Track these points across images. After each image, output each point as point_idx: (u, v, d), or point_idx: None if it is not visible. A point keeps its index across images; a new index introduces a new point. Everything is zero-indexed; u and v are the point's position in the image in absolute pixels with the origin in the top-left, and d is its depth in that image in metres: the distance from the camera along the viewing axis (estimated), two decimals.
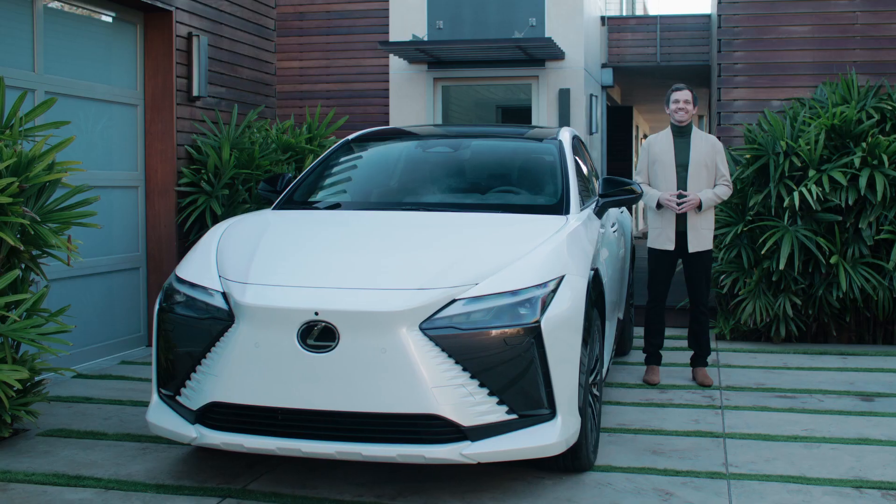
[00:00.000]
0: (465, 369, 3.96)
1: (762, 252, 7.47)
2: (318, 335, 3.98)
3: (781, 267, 7.27)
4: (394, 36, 11.75)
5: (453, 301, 4.04)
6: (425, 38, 11.32)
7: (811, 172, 7.32)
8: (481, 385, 3.98)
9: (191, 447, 4.94)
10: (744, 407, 5.90)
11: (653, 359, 6.58)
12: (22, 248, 4.81)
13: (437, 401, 3.92)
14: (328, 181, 5.74)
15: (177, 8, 7.76)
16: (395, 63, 11.96)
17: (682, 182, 6.19)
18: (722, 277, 7.86)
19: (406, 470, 4.61)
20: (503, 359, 4.01)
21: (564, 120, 11.47)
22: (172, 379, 4.35)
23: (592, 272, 4.67)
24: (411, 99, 11.97)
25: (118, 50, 7.51)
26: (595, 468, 4.71)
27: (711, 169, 6.26)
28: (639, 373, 6.79)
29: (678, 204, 6.15)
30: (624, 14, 15.87)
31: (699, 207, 6.18)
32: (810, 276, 7.59)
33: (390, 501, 4.26)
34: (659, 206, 6.22)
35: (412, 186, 5.59)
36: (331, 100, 12.63)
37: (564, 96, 11.43)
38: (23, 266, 5.19)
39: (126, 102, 7.63)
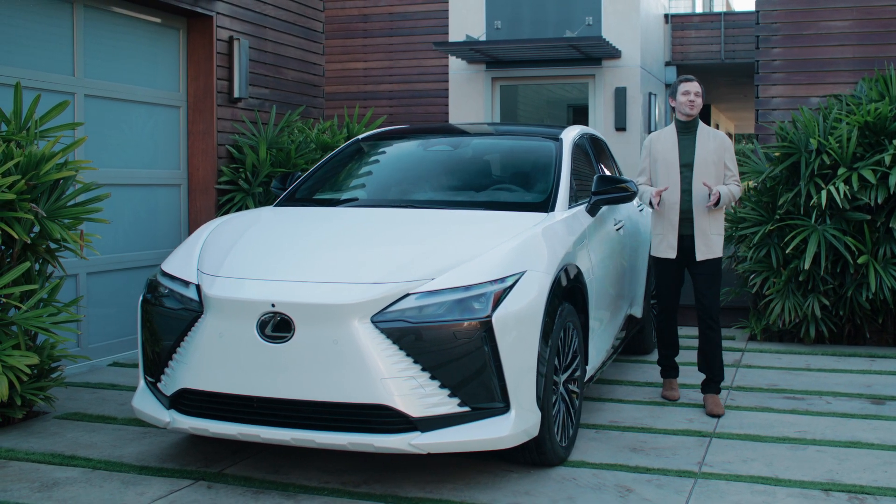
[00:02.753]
0: (416, 361, 4.08)
1: (786, 251, 7.34)
2: (276, 326, 4.16)
3: (806, 266, 7.13)
4: (453, 37, 11.89)
5: (407, 295, 4.16)
6: (479, 39, 11.42)
7: (840, 170, 7.15)
8: (432, 377, 4.09)
9: (186, 433, 5.17)
10: (745, 407, 5.83)
11: (669, 372, 6.10)
12: (29, 241, 5.12)
13: (387, 392, 4.05)
14: (330, 179, 5.92)
15: (217, 13, 8.07)
16: (455, 63, 12.10)
17: (686, 183, 5.69)
18: (752, 277, 7.74)
19: (375, 459, 4.75)
20: (455, 352, 4.11)
21: (621, 118, 11.42)
22: (154, 366, 4.60)
23: (564, 269, 4.72)
24: (470, 98, 12.09)
25: (162, 54, 7.86)
26: (567, 463, 4.75)
27: (720, 168, 5.75)
28: (654, 372, 6.74)
29: (709, 197, 5.62)
30: (697, 11, 15.64)
31: (716, 203, 5.62)
32: (840, 277, 7.41)
33: (354, 488, 4.40)
34: (652, 205, 5.73)
35: (408, 184, 5.72)
36: (393, 100, 12.87)
37: (620, 95, 11.38)
38: (41, 260, 5.53)
39: (170, 104, 7.98)
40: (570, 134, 6.02)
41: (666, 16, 12.85)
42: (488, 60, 11.88)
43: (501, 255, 4.40)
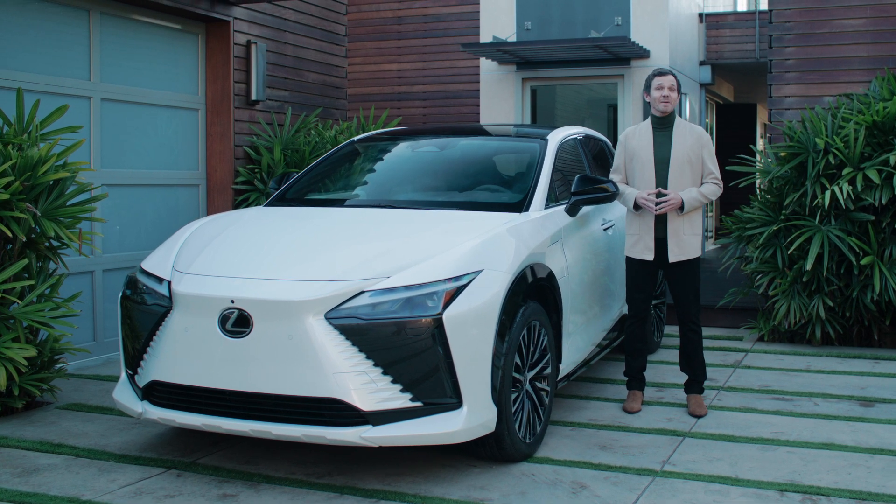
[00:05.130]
0: (368, 357, 4.20)
1: (788, 252, 7.29)
2: (236, 321, 4.32)
3: (808, 267, 7.07)
4: (484, 38, 11.99)
5: (361, 292, 4.28)
6: (507, 40, 11.49)
7: (845, 170, 7.08)
8: (385, 373, 4.21)
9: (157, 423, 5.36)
10: (729, 408, 5.83)
11: (634, 383, 5.87)
12: (24, 238, 5.37)
13: (338, 386, 4.18)
14: (321, 179, 6.07)
15: (235, 18, 8.30)
16: (486, 65, 12.20)
17: (661, 180, 5.54)
18: (758, 277, 7.69)
19: (345, 452, 4.89)
20: (406, 349, 4.22)
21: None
22: (132, 359, 4.80)
23: (529, 268, 4.78)
24: (501, 99, 12.17)
25: (182, 58, 8.12)
26: (532, 459, 4.83)
27: (697, 165, 5.58)
28: (649, 372, 6.76)
29: (656, 204, 5.50)
30: (740, 9, 15.47)
31: (681, 209, 5.50)
32: (846, 278, 7.33)
33: (317, 479, 4.55)
34: (637, 206, 5.58)
35: (393, 185, 5.85)
36: (427, 101, 13.00)
37: None
38: (44, 257, 5.79)
39: (189, 107, 8.24)
40: (559, 135, 6.07)
41: (700, 15, 12.77)
42: (518, 61, 11.95)
43: (459, 255, 4.50)
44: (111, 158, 7.39)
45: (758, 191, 7.94)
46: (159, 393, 4.60)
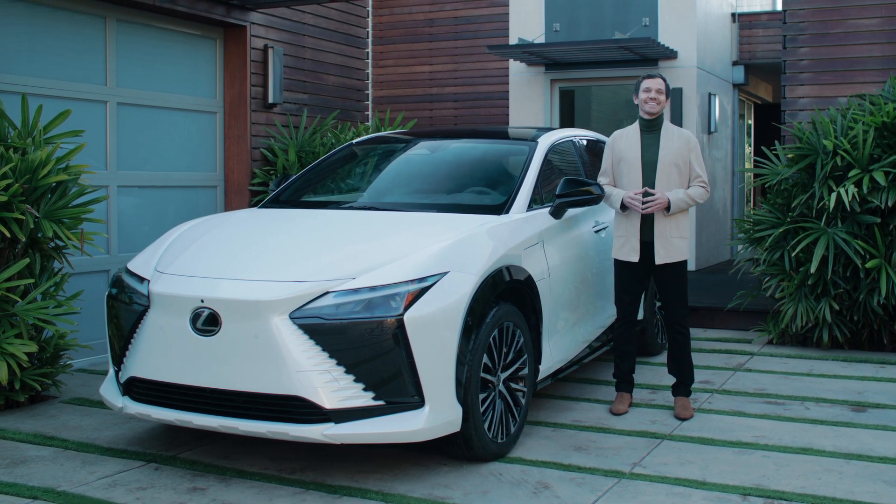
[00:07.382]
0: (331, 356, 4.30)
1: (792, 254, 7.21)
2: (206, 320, 4.45)
3: (813, 270, 6.99)
4: (513, 40, 12.04)
5: (326, 293, 4.39)
6: (534, 41, 11.52)
7: (852, 172, 6.99)
8: (347, 372, 4.30)
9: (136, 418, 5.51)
10: (718, 411, 5.81)
11: (623, 385, 5.90)
12: (24, 239, 5.58)
13: (301, 384, 4.29)
14: (316, 182, 6.19)
15: (251, 23, 8.48)
16: (515, 66, 12.24)
17: (649, 183, 5.58)
18: (766, 280, 7.63)
19: (319, 450, 5.00)
20: (369, 349, 4.31)
21: (676, 119, 11.33)
22: (117, 356, 4.97)
23: (503, 269, 4.83)
24: (529, 100, 12.21)
25: (200, 62, 8.32)
26: (504, 459, 4.88)
27: (684, 168, 5.62)
28: (650, 374, 6.76)
29: (643, 204, 5.53)
30: (779, 9, 15.26)
31: (667, 209, 5.52)
32: (854, 281, 7.23)
33: (288, 475, 4.66)
34: (624, 207, 5.62)
35: (382, 187, 5.95)
36: (458, 102, 13.11)
37: (676, 96, 11.30)
38: (48, 257, 6.00)
39: (207, 110, 8.44)
40: (550, 138, 6.11)
41: (733, 14, 12.66)
42: (547, 63, 11.97)
43: (426, 256, 4.57)
44: (130, 161, 7.60)
45: (767, 193, 7.88)
46: (138, 389, 4.76)
